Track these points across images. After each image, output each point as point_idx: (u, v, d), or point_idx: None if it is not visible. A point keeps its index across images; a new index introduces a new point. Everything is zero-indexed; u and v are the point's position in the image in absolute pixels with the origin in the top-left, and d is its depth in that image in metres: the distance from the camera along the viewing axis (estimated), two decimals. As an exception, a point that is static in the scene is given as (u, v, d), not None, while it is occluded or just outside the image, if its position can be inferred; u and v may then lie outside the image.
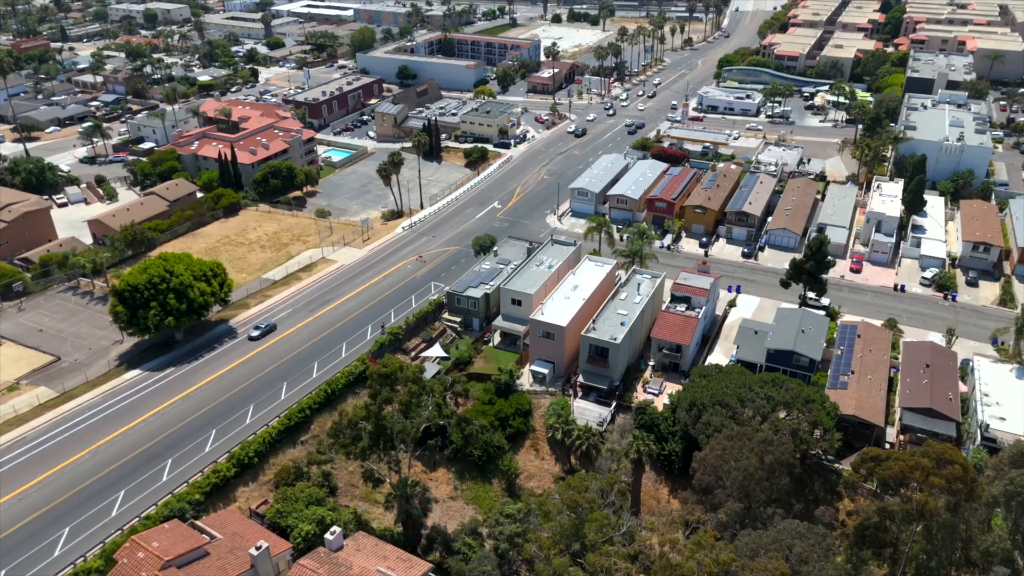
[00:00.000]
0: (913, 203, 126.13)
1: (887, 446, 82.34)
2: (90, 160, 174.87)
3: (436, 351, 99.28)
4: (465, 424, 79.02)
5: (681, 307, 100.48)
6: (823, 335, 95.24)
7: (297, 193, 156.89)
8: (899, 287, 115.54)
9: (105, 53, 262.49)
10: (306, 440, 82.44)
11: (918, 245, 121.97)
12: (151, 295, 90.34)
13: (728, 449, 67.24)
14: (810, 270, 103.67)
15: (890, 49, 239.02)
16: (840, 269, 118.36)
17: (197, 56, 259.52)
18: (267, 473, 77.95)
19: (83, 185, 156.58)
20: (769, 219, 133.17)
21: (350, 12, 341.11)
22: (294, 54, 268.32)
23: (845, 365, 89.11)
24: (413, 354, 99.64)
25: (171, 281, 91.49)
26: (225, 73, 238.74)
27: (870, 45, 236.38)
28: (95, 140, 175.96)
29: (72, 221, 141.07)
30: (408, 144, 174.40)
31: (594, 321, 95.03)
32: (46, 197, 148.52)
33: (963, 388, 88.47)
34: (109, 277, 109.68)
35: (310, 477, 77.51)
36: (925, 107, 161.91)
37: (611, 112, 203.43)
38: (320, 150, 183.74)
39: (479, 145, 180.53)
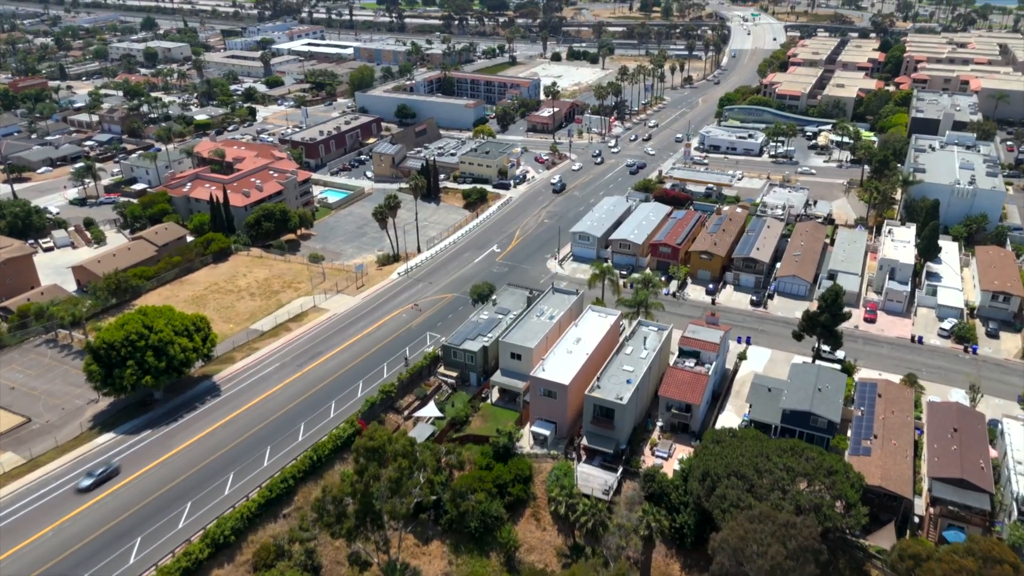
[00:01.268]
0: (927, 250, 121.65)
1: (916, 520, 76.40)
2: (80, 202, 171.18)
3: (430, 410, 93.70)
4: (461, 499, 73.03)
5: (690, 363, 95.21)
6: (841, 394, 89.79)
7: (291, 236, 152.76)
8: (916, 339, 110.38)
9: (103, 92, 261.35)
10: (289, 513, 76.36)
11: (934, 294, 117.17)
12: (128, 353, 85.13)
13: (750, 532, 61.41)
14: (825, 323, 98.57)
15: (891, 88, 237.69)
16: (853, 319, 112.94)
17: (195, 95, 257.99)
18: (245, 552, 71.75)
19: (71, 228, 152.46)
20: (777, 265, 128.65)
21: (350, 51, 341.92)
22: (293, 92, 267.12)
23: (867, 428, 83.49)
24: (406, 413, 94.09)
25: (150, 337, 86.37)
26: (222, 112, 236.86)
27: (871, 84, 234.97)
28: (86, 181, 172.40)
29: (57, 266, 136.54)
30: (406, 185, 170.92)
31: (598, 379, 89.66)
32: (31, 241, 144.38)
33: (993, 453, 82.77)
34: (88, 329, 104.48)
35: (292, 556, 71.35)
36: (933, 148, 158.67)
37: (599, 161, 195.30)
38: (316, 191, 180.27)
39: (478, 186, 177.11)
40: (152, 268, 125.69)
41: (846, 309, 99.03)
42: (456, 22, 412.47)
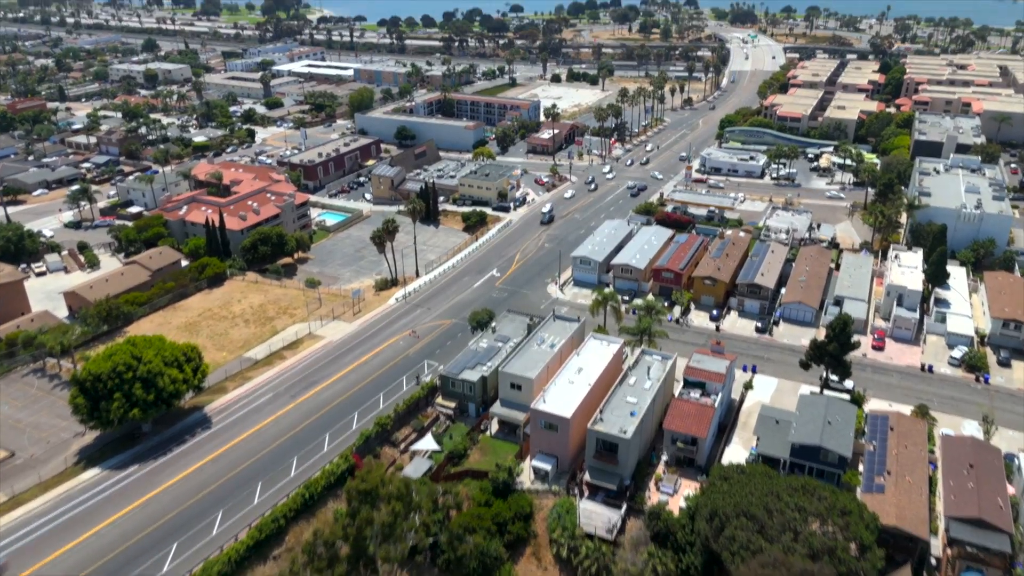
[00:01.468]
0: (936, 276, 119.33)
1: (933, 562, 73.27)
2: (75, 225, 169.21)
3: (427, 443, 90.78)
4: (458, 541, 69.97)
5: (695, 394, 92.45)
6: (851, 427, 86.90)
7: (287, 260, 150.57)
8: (927, 368, 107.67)
9: (102, 113, 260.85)
10: (279, 555, 73.19)
11: (943, 320, 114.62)
12: (115, 385, 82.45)
13: (761, 580, 58.36)
14: (833, 352, 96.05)
15: (892, 110, 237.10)
16: (861, 346, 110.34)
17: (194, 116, 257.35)
18: (232, 598, 68.68)
19: (64, 252, 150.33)
20: (782, 291, 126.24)
21: (350, 72, 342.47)
22: (292, 114, 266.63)
23: (879, 464, 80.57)
24: (403, 446, 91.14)
25: (138, 369, 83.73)
26: (221, 134, 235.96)
27: (872, 106, 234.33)
28: (81, 204, 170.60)
29: (49, 291, 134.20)
30: (405, 207, 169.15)
31: (601, 411, 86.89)
32: (23, 266, 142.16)
33: (1011, 490, 79.78)
34: (77, 358, 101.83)
35: (281, 601, 68.13)
36: (938, 172, 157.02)
37: (592, 188, 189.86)
38: (314, 213, 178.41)
39: (477, 209, 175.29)
40: (145, 294, 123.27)
41: (854, 337, 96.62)
42: (456, 44, 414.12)
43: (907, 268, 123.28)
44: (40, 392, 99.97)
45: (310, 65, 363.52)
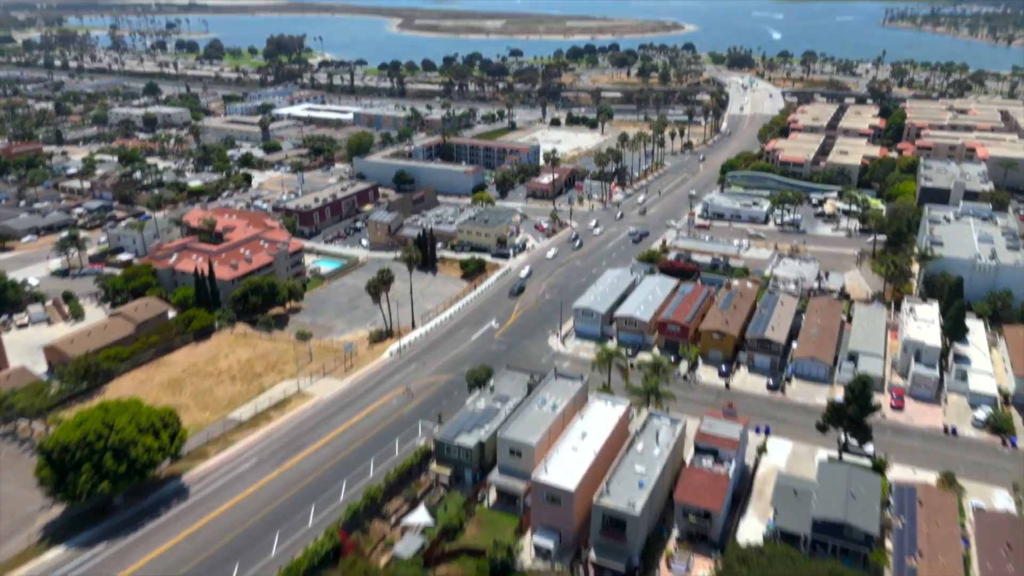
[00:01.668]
0: (954, 330, 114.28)
1: (976, 657, 66.63)
2: (63, 272, 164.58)
3: (420, 515, 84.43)
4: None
5: (707, 461, 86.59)
6: (877, 499, 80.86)
7: (279, 310, 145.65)
8: (950, 430, 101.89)
9: (98, 157, 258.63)
10: (255, 651, 66.60)
11: (963, 378, 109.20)
12: (84, 455, 76.62)
13: None
14: (852, 415, 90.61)
15: (895, 155, 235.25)
16: (880, 406, 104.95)
17: (190, 160, 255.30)
18: None
19: (48, 303, 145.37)
20: (793, 345, 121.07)
21: (350, 116, 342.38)
22: (290, 157, 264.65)
23: (910, 543, 74.39)
24: (394, 519, 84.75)
25: (110, 437, 77.99)
26: (217, 178, 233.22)
27: (875, 151, 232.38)
28: (70, 251, 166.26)
29: (30, 344, 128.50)
30: (402, 253, 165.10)
31: (607, 482, 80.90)
32: (5, 318, 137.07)
33: (1054, 572, 73.31)
34: (49, 421, 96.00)
35: None
36: (948, 220, 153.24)
37: (577, 245, 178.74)
38: (309, 260, 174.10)
39: (476, 255, 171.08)
40: (127, 349, 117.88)
41: (878, 404, 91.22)
42: (456, 88, 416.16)
43: (923, 322, 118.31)
44: (8, 458, 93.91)
45: (310, 108, 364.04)
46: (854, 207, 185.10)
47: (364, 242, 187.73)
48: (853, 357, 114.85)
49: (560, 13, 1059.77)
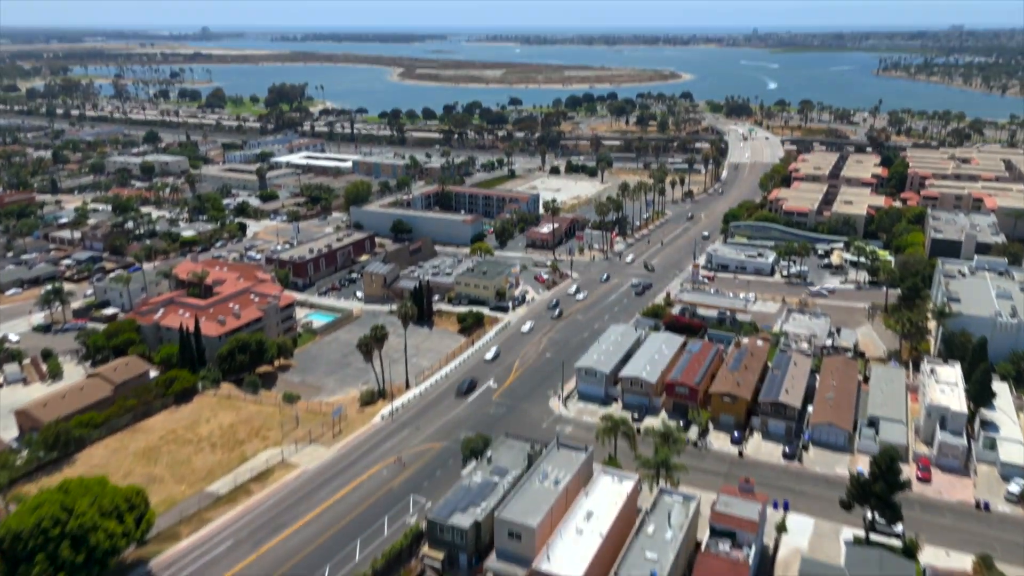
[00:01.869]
0: (980, 395, 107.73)
1: None
2: (45, 328, 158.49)
3: (410, 608, 76.70)
4: None
5: (724, 545, 79.22)
6: (913, 591, 73.39)
7: (267, 368, 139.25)
8: (982, 504, 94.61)
9: (92, 206, 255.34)
10: None
11: (993, 447, 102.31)
12: (38, 545, 69.41)
13: None
14: (879, 493, 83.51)
15: (898, 204, 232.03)
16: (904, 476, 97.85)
17: (185, 209, 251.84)
18: None
19: (26, 361, 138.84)
20: (809, 408, 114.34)
21: (349, 164, 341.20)
22: (286, 206, 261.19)
23: (955, 646, 66.61)
24: (381, 612, 76.94)
25: (68, 524, 70.88)
26: (211, 228, 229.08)
27: (879, 201, 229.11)
28: (54, 305, 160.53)
29: (3, 407, 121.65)
30: (397, 307, 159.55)
31: (616, 571, 73.50)
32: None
33: None
34: (8, 499, 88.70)
35: None
36: (963, 275, 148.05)
37: (556, 314, 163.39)
38: (301, 313, 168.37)
39: (474, 309, 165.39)
40: (102, 414, 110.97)
41: (908, 480, 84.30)
42: (456, 136, 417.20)
43: (946, 385, 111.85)
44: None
45: (309, 156, 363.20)
46: (862, 259, 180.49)
47: (359, 294, 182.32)
48: (873, 423, 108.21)
49: (558, 63, 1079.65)
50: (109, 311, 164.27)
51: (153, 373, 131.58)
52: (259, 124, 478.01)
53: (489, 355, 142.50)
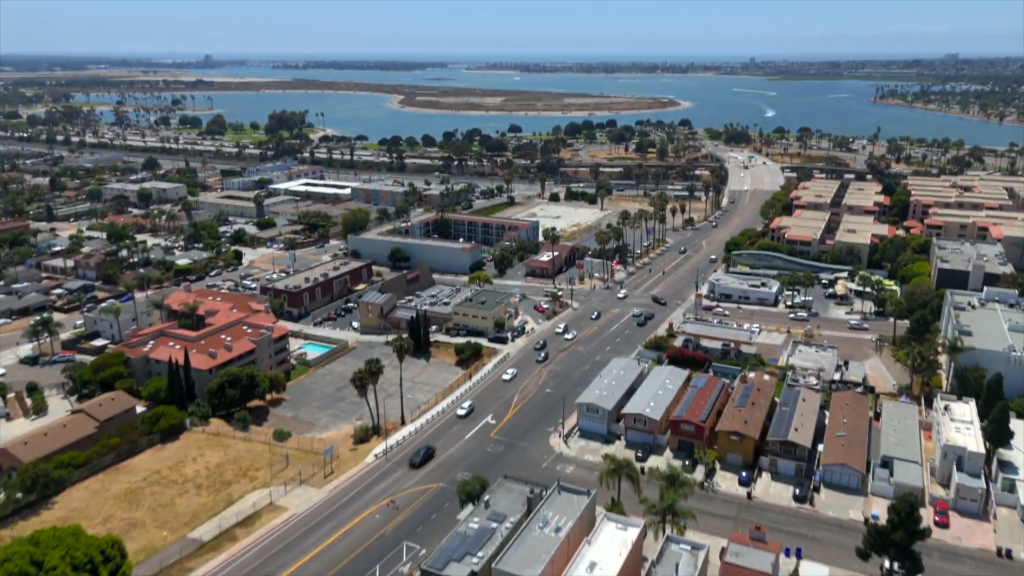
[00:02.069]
0: (998, 434, 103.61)
1: None
2: (32, 360, 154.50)
3: (402, 668, 71.85)
4: None
5: (735, 600, 74.59)
6: (939, 652, 68.69)
7: (259, 402, 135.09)
8: (1003, 552, 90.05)
9: (87, 234, 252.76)
10: None
11: (1012, 489, 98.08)
12: (3, 602, 64.91)
13: None
14: (900, 542, 79.10)
15: (902, 232, 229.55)
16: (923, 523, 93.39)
17: (181, 237, 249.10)
18: None
19: (11, 395, 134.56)
20: (819, 447, 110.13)
21: (347, 191, 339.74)
22: (283, 234, 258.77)
23: None
24: (370, 673, 72.07)
25: (36, 579, 66.33)
26: (206, 256, 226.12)
27: (883, 229, 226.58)
28: (42, 336, 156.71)
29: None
30: (394, 337, 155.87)
31: (620, 630, 68.89)
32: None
33: None
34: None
35: None
36: (973, 307, 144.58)
37: (542, 358, 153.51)
38: (295, 344, 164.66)
39: (472, 340, 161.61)
40: (84, 453, 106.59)
41: (928, 528, 79.97)
42: (455, 163, 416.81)
43: (961, 423, 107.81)
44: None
45: (307, 183, 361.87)
46: (868, 289, 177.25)
47: (355, 324, 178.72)
48: (887, 464, 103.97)
49: (557, 90, 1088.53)
50: (99, 342, 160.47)
51: (140, 408, 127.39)
52: (259, 151, 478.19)
53: (462, 411, 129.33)
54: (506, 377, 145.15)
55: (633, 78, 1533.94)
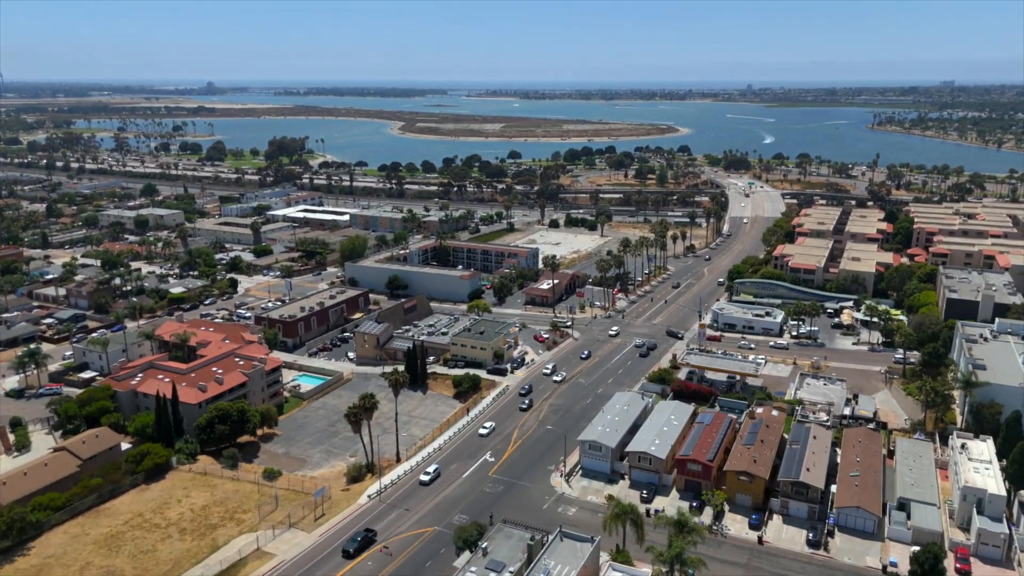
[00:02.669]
0: (1019, 476, 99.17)
1: None
2: (18, 393, 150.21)
3: None
4: None
5: (750, 660, 69.66)
6: None
7: (249, 438, 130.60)
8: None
9: (81, 261, 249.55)
10: None
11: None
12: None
13: None
14: (923, 596, 74.40)
15: (906, 260, 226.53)
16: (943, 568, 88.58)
17: (176, 265, 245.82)
18: None
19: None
20: (832, 488, 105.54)
21: (346, 217, 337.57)
22: (280, 261, 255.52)
23: None
24: None
25: (0, 642, 61.66)
26: (201, 284, 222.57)
27: (887, 257, 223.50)
28: (29, 368, 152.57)
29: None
30: (390, 368, 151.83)
31: None
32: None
33: None
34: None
35: None
36: (985, 339, 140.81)
37: (526, 404, 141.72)
38: (289, 376, 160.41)
39: (471, 372, 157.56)
40: (64, 495, 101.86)
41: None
42: (455, 189, 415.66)
43: (979, 463, 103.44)
44: None
45: (306, 210, 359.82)
46: (875, 319, 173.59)
47: (351, 355, 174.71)
48: (904, 506, 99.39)
49: (557, 117, 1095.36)
50: (87, 374, 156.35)
51: (126, 445, 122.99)
52: (258, 177, 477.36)
53: (425, 477, 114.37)
54: (483, 432, 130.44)
55: (631, 105, 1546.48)
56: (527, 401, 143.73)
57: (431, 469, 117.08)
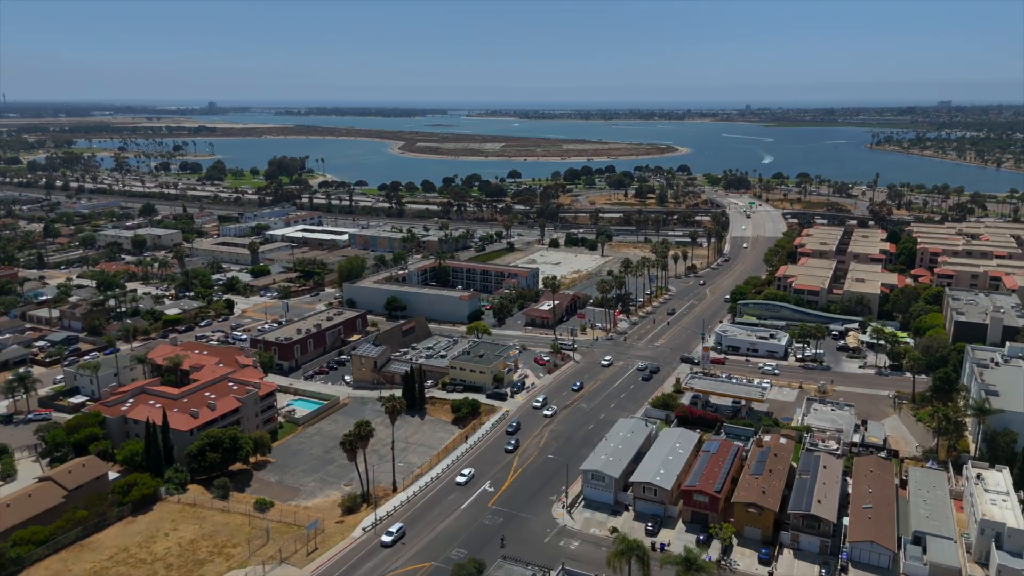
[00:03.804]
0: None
1: None
2: (6, 419, 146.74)
3: None
4: None
5: None
6: None
7: (242, 466, 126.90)
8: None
9: (76, 282, 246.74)
10: None
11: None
12: None
13: None
14: (945, 640, 70.53)
15: (910, 280, 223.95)
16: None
17: (172, 286, 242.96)
18: None
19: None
20: (844, 520, 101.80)
21: (345, 237, 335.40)
22: (277, 282, 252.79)
23: None
24: None
25: None
26: (197, 305, 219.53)
27: (891, 278, 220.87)
28: (18, 393, 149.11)
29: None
30: (388, 393, 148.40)
31: None
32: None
33: None
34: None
35: None
36: (996, 363, 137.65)
37: (512, 446, 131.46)
38: (284, 400, 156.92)
39: (470, 396, 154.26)
40: (46, 528, 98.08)
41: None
42: (455, 208, 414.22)
43: (996, 494, 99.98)
44: None
45: (304, 230, 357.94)
46: (882, 341, 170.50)
47: (347, 378, 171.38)
48: (919, 540, 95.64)
49: (556, 136, 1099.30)
50: (77, 399, 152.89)
51: (114, 474, 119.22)
52: (257, 196, 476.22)
53: (387, 538, 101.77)
54: (460, 480, 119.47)
55: (631, 124, 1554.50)
56: (514, 441, 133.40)
57: (396, 526, 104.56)
